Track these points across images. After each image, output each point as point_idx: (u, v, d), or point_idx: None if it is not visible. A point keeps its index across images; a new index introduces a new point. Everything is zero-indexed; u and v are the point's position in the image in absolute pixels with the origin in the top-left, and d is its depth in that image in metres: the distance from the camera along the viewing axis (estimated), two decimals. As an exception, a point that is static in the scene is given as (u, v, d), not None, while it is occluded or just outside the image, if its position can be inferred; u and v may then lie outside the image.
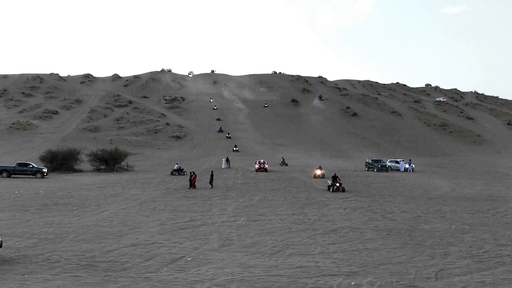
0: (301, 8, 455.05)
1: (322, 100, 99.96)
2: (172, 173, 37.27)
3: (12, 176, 34.97)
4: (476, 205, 22.32)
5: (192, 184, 28.38)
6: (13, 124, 71.32)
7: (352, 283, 10.07)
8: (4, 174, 34.67)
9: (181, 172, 37.35)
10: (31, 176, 35.06)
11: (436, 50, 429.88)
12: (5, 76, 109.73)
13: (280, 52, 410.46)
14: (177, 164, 40.04)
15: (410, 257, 12.47)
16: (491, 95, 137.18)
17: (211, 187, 28.24)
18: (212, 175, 29.36)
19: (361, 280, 10.24)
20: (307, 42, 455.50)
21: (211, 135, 75.48)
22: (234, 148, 55.06)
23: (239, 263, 11.69)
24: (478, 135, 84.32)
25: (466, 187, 30.40)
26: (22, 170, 35.37)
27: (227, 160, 45.31)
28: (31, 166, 36.07)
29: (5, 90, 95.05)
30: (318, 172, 35.10)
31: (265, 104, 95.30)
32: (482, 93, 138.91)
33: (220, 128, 68.88)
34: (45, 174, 35.68)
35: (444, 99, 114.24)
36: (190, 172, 29.76)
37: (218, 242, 14.21)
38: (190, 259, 12.17)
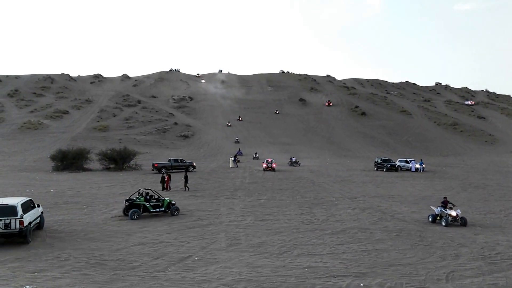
0: (309, 7, 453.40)
1: (330, 105, 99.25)
2: (292, 165, 45.49)
3: (168, 171, 36.75)
4: (488, 206, 21.94)
5: (165, 186, 26.87)
6: (24, 123, 72.30)
7: (361, 284, 9.95)
8: (163, 170, 36.84)
9: (297, 163, 45.84)
10: (184, 170, 37.64)
11: (446, 48, 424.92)
12: (16, 77, 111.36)
13: (287, 51, 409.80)
14: (293, 157, 49.19)
15: (420, 258, 12.29)
16: (503, 93, 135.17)
17: (185, 190, 26.76)
18: (186, 177, 27.47)
19: (370, 282, 10.11)
20: (315, 41, 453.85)
21: (218, 135, 75.63)
22: (232, 158, 51.88)
23: (247, 263, 11.64)
24: (490, 135, 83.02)
25: (478, 187, 29.91)
26: (177, 165, 39.46)
27: (235, 159, 45.29)
28: (184, 161, 40.76)
29: (16, 90, 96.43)
30: (453, 213, 17.24)
31: (277, 110, 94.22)
32: (494, 92, 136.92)
33: (239, 150, 60.78)
34: (195, 167, 40.05)
35: (473, 102, 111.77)
36: (162, 173, 28.21)
37: (225, 241, 14.18)
38: (198, 258, 12.16)
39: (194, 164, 40.85)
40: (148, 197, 18.86)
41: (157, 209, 18.55)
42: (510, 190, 28.32)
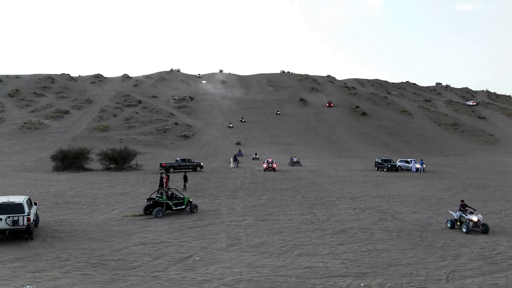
0: (309, 7, 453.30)
1: (331, 106, 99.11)
2: (293, 165, 45.67)
3: (176, 171, 37.89)
4: (489, 206, 21.94)
5: (164, 187, 26.11)
6: (25, 123, 72.35)
7: (362, 284, 9.95)
8: (171, 170, 37.35)
9: (299, 163, 46.02)
10: (191, 169, 38.56)
11: (447, 48, 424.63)
12: (17, 77, 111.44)
13: (288, 51, 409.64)
14: (294, 157, 49.33)
15: (420, 258, 12.29)
16: (503, 94, 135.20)
17: (184, 190, 26.50)
18: (185, 177, 27.40)
19: (370, 282, 10.12)
20: (315, 41, 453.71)
21: (219, 135, 75.65)
22: (232, 158, 52.10)
23: (247, 263, 11.65)
24: (490, 135, 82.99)
25: (479, 187, 29.90)
26: (185, 165, 39.34)
27: (235, 159, 45.29)
28: (192, 161, 40.91)
29: (17, 90, 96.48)
30: (475, 218, 16.00)
31: (278, 111, 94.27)
32: (494, 92, 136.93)
33: (240, 151, 61.49)
34: (202, 167, 40.39)
35: (474, 103, 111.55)
36: (161, 173, 28.15)
37: (226, 241, 14.19)
38: (198, 258, 12.17)
39: (202, 164, 40.92)
40: (169, 195, 19.35)
41: (179, 207, 19.07)
42: (510, 191, 28.30)
